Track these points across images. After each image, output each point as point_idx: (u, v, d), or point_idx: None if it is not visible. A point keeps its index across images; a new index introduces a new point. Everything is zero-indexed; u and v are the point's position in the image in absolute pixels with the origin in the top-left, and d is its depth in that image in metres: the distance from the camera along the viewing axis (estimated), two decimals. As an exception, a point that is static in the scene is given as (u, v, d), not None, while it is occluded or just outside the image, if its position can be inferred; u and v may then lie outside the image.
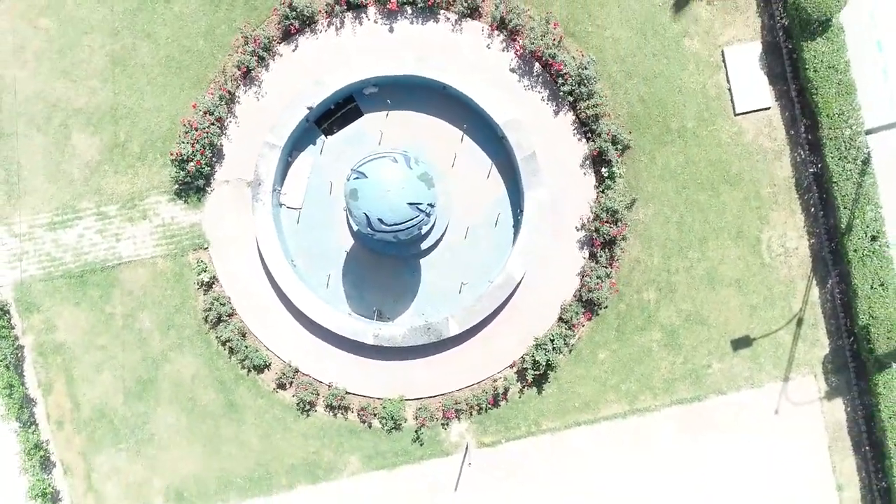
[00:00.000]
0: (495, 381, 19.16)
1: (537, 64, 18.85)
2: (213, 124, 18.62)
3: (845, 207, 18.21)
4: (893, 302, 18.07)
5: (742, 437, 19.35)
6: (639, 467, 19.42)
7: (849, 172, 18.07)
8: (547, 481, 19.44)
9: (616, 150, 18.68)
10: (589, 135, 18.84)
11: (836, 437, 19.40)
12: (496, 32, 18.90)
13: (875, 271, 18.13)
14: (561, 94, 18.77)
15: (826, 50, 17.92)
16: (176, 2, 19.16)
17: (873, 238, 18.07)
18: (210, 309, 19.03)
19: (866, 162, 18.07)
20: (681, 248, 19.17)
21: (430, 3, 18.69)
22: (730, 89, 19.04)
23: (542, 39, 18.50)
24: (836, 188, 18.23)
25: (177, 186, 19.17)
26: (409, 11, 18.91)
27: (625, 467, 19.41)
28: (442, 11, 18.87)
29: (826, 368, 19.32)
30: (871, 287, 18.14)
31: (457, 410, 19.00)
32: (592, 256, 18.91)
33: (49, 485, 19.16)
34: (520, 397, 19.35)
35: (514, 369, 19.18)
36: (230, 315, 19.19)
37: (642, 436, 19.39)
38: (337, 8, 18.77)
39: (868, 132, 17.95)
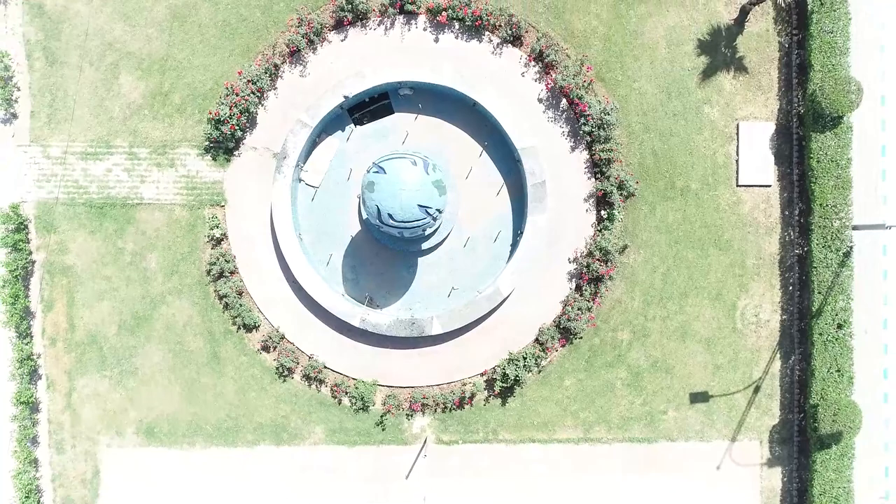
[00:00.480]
0: (464, 384, 20.31)
1: (564, 100, 19.99)
2: (253, 93, 19.74)
3: (820, 293, 19.36)
4: (845, 388, 19.23)
5: (682, 485, 20.49)
6: (581, 492, 20.55)
7: (829, 261, 19.22)
8: (492, 488, 20.58)
9: (621, 195, 19.82)
10: (598, 175, 19.99)
11: (768, 502, 20.55)
12: (532, 63, 20.04)
13: (835, 357, 19.29)
14: (580, 132, 19.93)
15: (832, 144, 19.08)
16: (242, -28, 20.30)
17: (839, 326, 19.23)
18: (214, 263, 20.15)
19: (847, 255, 19.23)
20: (661, 298, 20.32)
21: (477, 23, 19.82)
22: (737, 161, 20.19)
23: (573, 78, 19.64)
24: (815, 273, 19.38)
25: (207, 143, 20.28)
26: (457, 27, 20.05)
27: (568, 490, 20.54)
28: (487, 33, 20.00)
29: (772, 437, 20.47)
30: (829, 371, 19.30)
31: (423, 405, 20.15)
32: (578, 289, 20.05)
33: (32, 395, 20.29)
34: (484, 405, 20.48)
35: (484, 378, 20.32)
36: (232, 273, 20.30)
37: (590, 464, 20.53)
38: (390, 10, 19.90)
39: (855, 227, 19.10)
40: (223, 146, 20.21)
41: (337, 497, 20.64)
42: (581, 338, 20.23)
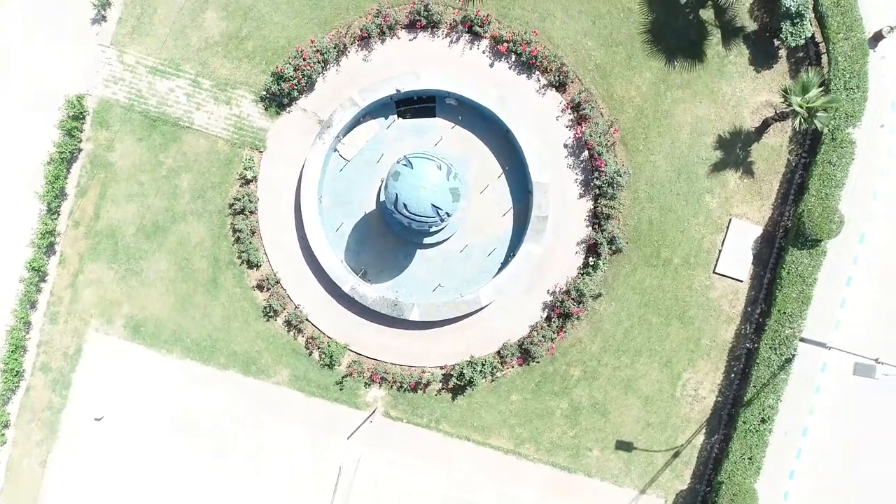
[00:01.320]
0: (424, 371, 22.33)
1: (587, 152, 22.02)
2: (318, 62, 21.74)
3: (755, 387, 21.41)
4: (752, 476, 21.28)
5: (585, 517, 22.58)
6: (495, 499, 22.54)
7: (772, 362, 21.27)
8: (418, 470, 22.59)
9: (609, 249, 21.86)
10: (596, 226, 22.03)
11: (657, 556, 22.64)
12: (569, 111, 22.08)
13: (751, 446, 21.34)
14: (592, 184, 21.96)
15: (805, 262, 21.13)
16: (341, -46, 22.29)
17: (763, 420, 21.28)
18: (239, 199, 22.13)
19: (789, 361, 21.29)
20: (618, 350, 22.35)
21: (531, 61, 21.84)
22: (720, 251, 22.24)
23: (599, 136, 21.68)
24: (756, 369, 21.43)
25: (264, 93, 22.26)
26: (513, 59, 22.06)
27: (484, 493, 22.54)
28: (537, 73, 22.03)
29: (677, 500, 22.52)
30: (742, 456, 21.34)
31: (383, 378, 22.17)
32: (548, 319, 22.08)
33: (44, 265, 22.27)
34: (435, 395, 22.50)
35: (443, 371, 22.34)
36: (251, 213, 22.28)
37: (511, 475, 22.55)
38: (460, 27, 21.92)
39: (802, 339, 21.15)
40: (277, 100, 22.19)
41: (280, 435, 22.63)
42: (538, 362, 22.26)
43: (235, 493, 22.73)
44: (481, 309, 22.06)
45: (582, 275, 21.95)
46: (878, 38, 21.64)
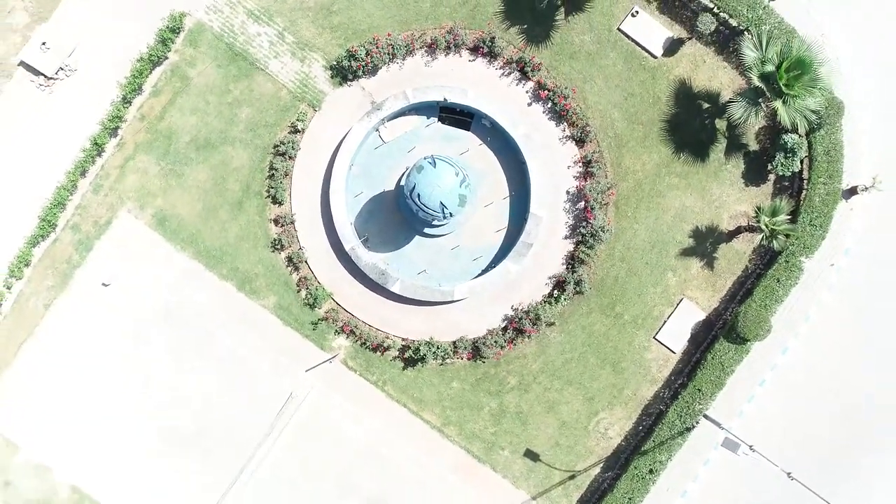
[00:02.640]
0: (387, 337, 25.68)
1: (583, 202, 25.37)
2: (388, 54, 25.08)
3: (654, 442, 24.77)
4: (626, 515, 24.68)
5: (477, 502, 25.85)
6: (409, 461, 25.85)
7: (674, 426, 24.62)
8: (353, 418, 25.89)
9: (574, 289, 25.21)
10: (569, 267, 25.39)
11: (527, 555, 26.00)
12: (580, 164, 25.44)
13: (634, 490, 24.67)
14: (578, 230, 25.31)
15: (729, 354, 24.49)
16: (437, -29, 25.60)
17: (651, 471, 24.65)
18: (283, 144, 25.46)
19: (689, 430, 24.66)
20: (553, 374, 25.70)
21: (562, 112, 25.21)
22: (665, 322, 25.59)
23: (597, 194, 25.04)
24: (660, 428, 24.78)
25: (334, 64, 25.58)
26: (549, 105, 25.41)
27: (401, 453, 25.87)
28: (564, 123, 25.39)
29: (559, 515, 25.93)
30: (623, 495, 24.68)
31: (352, 331, 25.52)
32: (504, 329, 25.43)
33: (104, 143, 25.59)
34: (390, 360, 25.83)
35: (404, 343, 25.67)
36: (290, 158, 25.61)
37: (429, 448, 25.86)
38: (514, 65, 25.27)
39: (706, 416, 24.50)
40: (343, 73, 25.52)
41: (251, 349, 25.91)
42: (484, 361, 25.60)
43: (196, 384, 26.02)
44: (452, 302, 25.40)
45: (544, 303, 25.29)
46: (853, 191, 25.01)
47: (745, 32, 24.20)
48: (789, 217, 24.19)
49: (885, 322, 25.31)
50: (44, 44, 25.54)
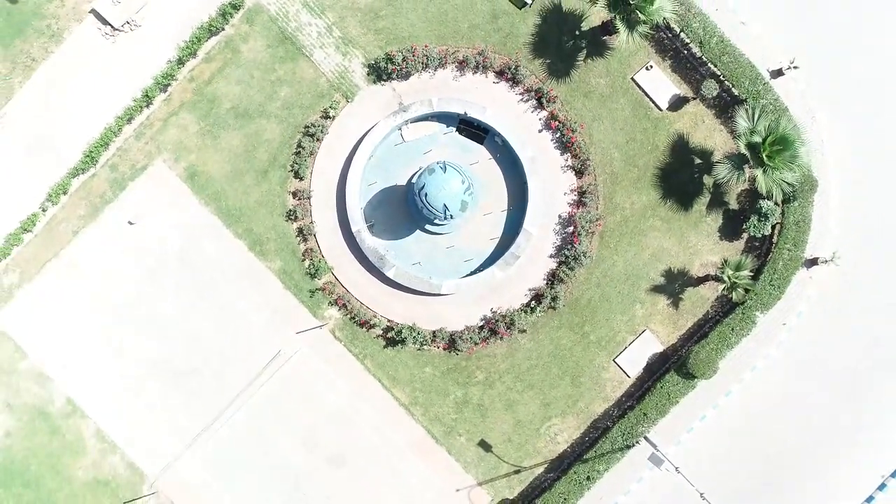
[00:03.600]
0: (375, 316, 28.23)
1: (572, 227, 27.89)
2: (421, 63, 27.62)
3: (595, 453, 27.26)
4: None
5: (426, 479, 28.36)
6: (371, 431, 28.36)
7: (616, 442, 27.10)
8: (330, 383, 28.40)
9: (550, 304, 27.74)
10: (548, 283, 27.94)
11: (464, 534, 28.52)
12: (576, 193, 27.95)
13: (569, 493, 27.03)
14: (563, 252, 27.82)
15: (677, 386, 26.94)
16: (479, -4, 28.15)
17: (588, 478, 27.12)
18: (314, 126, 28.01)
19: (628, 447, 27.14)
20: (517, 376, 28.23)
21: (568, 144, 27.73)
22: (626, 348, 28.07)
23: (586, 222, 27.55)
24: (603, 442, 27.25)
25: (372, 63, 28.13)
26: (557, 136, 27.88)
27: (366, 421, 28.39)
28: (568, 154, 27.89)
29: (499, 502, 28.40)
30: (559, 496, 27.13)
31: (344, 305, 28.06)
32: (480, 328, 27.95)
33: (154, 96, 28.15)
34: (374, 337, 28.35)
35: (389, 324, 28.18)
36: (317, 139, 28.16)
37: (394, 421, 28.39)
38: (532, 94, 27.82)
39: (646, 438, 26.97)
40: (378, 73, 28.06)
41: (250, 304, 28.44)
42: (457, 354, 28.13)
43: (196, 326, 28.54)
44: (439, 295, 27.94)
45: (521, 311, 27.83)
46: (814, 262, 27.55)
47: (744, 103, 26.72)
48: (752, 274, 26.73)
49: (821, 384, 27.82)
50: (116, -3, 28.16)
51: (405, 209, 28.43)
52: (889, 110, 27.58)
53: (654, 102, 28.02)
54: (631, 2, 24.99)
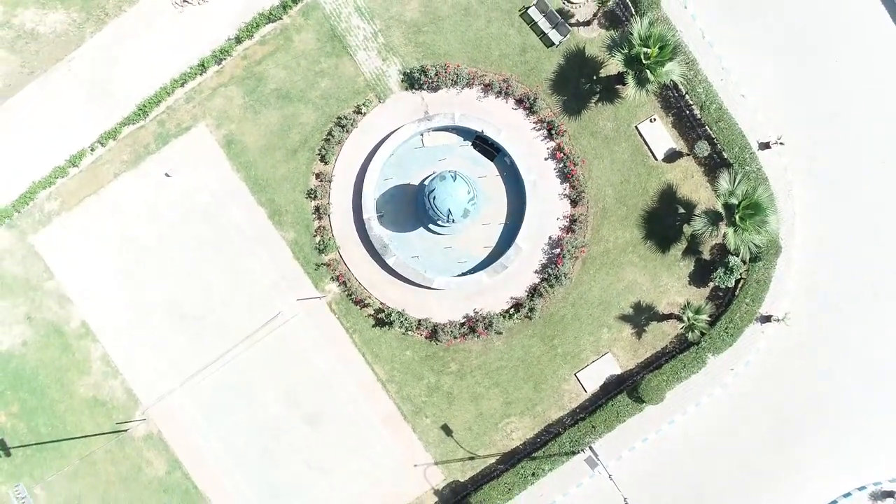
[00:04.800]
0: (370, 297, 31.26)
1: (559, 249, 30.89)
2: (451, 80, 30.64)
3: (544, 454, 30.24)
4: (502, 500, 30.04)
5: (391, 450, 31.36)
6: (348, 403, 31.36)
7: (563, 446, 29.97)
8: (321, 347, 31.40)
9: (527, 314, 30.71)
10: (529, 295, 30.94)
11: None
12: (568, 219, 30.97)
13: (514, 484, 29.97)
14: (546, 270, 30.82)
15: (627, 408, 29.90)
16: (500, 24, 31.10)
17: (533, 474, 30.11)
18: (345, 119, 31.04)
19: (574, 453, 30.11)
20: (487, 373, 31.22)
21: (568, 175, 30.76)
22: (588, 365, 31.06)
23: (572, 247, 30.53)
24: (553, 445, 30.20)
25: (407, 72, 31.13)
26: (560, 166, 30.89)
27: (345, 392, 31.39)
28: (567, 184, 30.90)
29: (450, 484, 31.32)
30: (505, 485, 30.09)
31: (345, 282, 31.11)
32: (461, 324, 30.95)
33: (208, 67, 31.21)
34: (365, 316, 31.36)
35: (381, 306, 31.19)
36: (346, 131, 31.18)
37: (369, 394, 31.36)
38: (544, 124, 30.85)
39: (591, 447, 29.91)
40: (411, 81, 31.07)
41: (259, 265, 31.43)
42: (437, 343, 31.14)
43: (209, 277, 31.57)
44: (430, 288, 30.99)
45: (500, 315, 30.85)
46: (767, 319, 30.55)
47: (730, 167, 29.73)
48: (710, 319, 29.73)
49: (755, 429, 30.73)
50: (190, -27, 31.23)
51: (413, 207, 31.45)
52: (860, 198, 30.48)
53: (651, 152, 31.03)
54: (644, 61, 28.01)
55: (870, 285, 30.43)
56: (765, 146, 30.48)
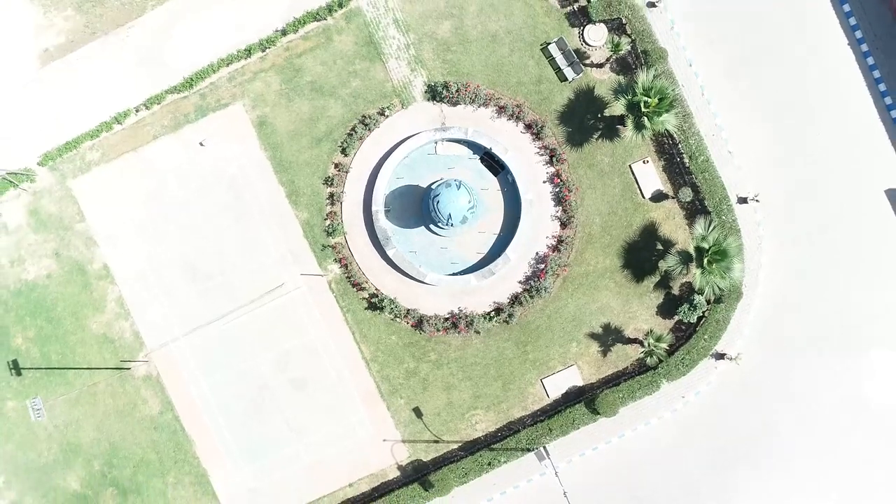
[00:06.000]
0: (367, 282, 34.30)
1: (544, 265, 33.95)
2: (470, 98, 33.71)
3: (502, 446, 33.31)
4: (457, 483, 33.03)
5: (364, 423, 34.40)
6: (333, 371, 34.41)
7: (520, 443, 33.00)
8: (314, 321, 34.42)
9: (506, 318, 33.73)
10: (510, 301, 33.97)
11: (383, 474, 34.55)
12: (554, 236, 34.03)
13: (471, 471, 33.07)
14: (529, 282, 33.88)
15: (582, 416, 32.90)
16: (521, 54, 34.16)
17: (489, 464, 33.12)
18: (369, 118, 34.11)
19: (529, 450, 33.11)
20: (462, 367, 34.23)
21: (562, 199, 33.83)
22: (554, 374, 34.07)
23: (555, 265, 33.60)
24: (511, 440, 33.21)
25: (431, 84, 34.15)
26: (556, 190, 33.96)
27: (331, 363, 34.44)
28: (560, 207, 33.95)
29: (414, 454, 34.38)
30: (462, 469, 33.08)
31: (346, 265, 34.21)
32: (446, 319, 34.00)
33: (253, 53, 34.24)
34: (360, 299, 34.42)
35: (375, 292, 34.24)
36: (369, 129, 34.21)
37: (352, 368, 34.37)
38: (547, 150, 33.92)
39: (544, 447, 32.94)
40: (434, 93, 34.11)
41: (269, 238, 34.48)
42: (421, 333, 34.17)
43: (225, 241, 34.61)
44: (422, 282, 34.05)
45: (481, 316, 33.91)
46: (721, 356, 33.57)
47: (708, 214, 32.76)
48: (669, 349, 32.78)
49: (696, 456, 33.74)
50: (250, -34, 34.29)
51: (418, 207, 34.52)
52: (822, 260, 33.40)
53: (640, 190, 34.07)
54: (644, 109, 31.07)
55: (817, 340, 33.46)
56: (742, 201, 33.50)
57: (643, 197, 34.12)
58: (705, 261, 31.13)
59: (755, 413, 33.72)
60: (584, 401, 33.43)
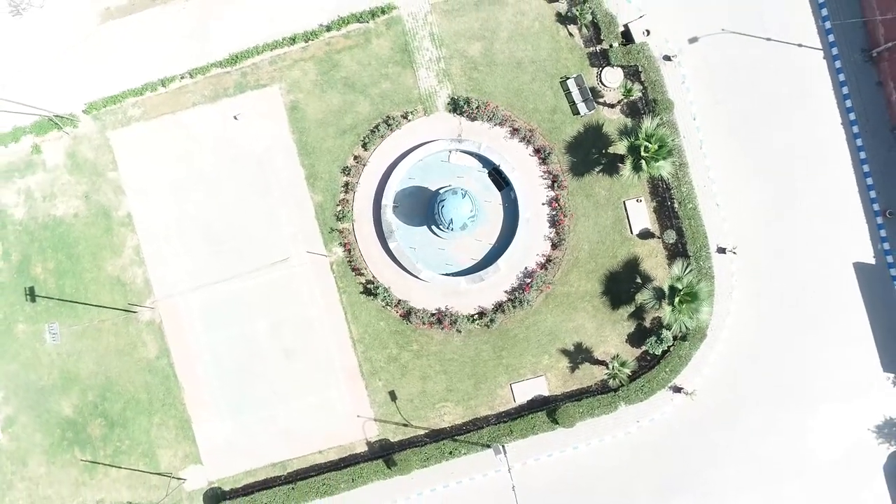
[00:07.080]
0: (366, 268, 36.96)
1: (530, 279, 36.59)
2: (487, 116, 36.41)
3: (464, 440, 35.96)
4: (417, 467, 35.70)
5: (343, 398, 37.07)
6: (322, 345, 37.10)
7: (482, 439, 35.74)
8: (313, 300, 37.10)
9: (487, 323, 36.37)
10: (494, 308, 36.61)
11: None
12: (545, 257, 36.71)
13: (431, 457, 35.73)
14: (514, 293, 36.56)
15: (543, 423, 35.54)
16: (541, 84, 36.87)
17: (450, 453, 35.80)
18: (392, 120, 36.74)
19: (487, 447, 35.80)
20: (439, 360, 36.90)
21: (556, 223, 36.50)
22: (523, 381, 36.73)
23: (540, 281, 36.28)
24: (473, 435, 35.96)
25: (454, 97, 36.78)
26: (553, 213, 36.63)
27: (321, 340, 37.12)
28: (553, 229, 36.63)
29: (385, 432, 37.09)
30: (425, 454, 35.75)
31: (349, 251, 36.92)
32: (432, 314, 36.63)
33: (298, 42, 37.00)
34: (357, 283, 37.10)
35: (373, 278, 36.93)
36: (391, 129, 36.89)
37: (339, 345, 37.03)
38: (550, 175, 36.61)
39: (503, 446, 35.58)
40: (455, 106, 36.76)
41: (283, 215, 37.16)
42: (408, 324, 36.78)
43: (241, 209, 37.29)
44: (416, 277, 36.74)
45: (465, 317, 36.58)
46: (678, 389, 36.17)
47: (687, 258, 35.40)
48: (631, 375, 35.41)
49: (642, 478, 36.36)
50: (307, -38, 37.06)
51: (424, 207, 37.21)
52: (788, 316, 36.04)
53: (630, 225, 36.72)
54: (643, 153, 33.75)
55: (772, 388, 36.10)
56: (721, 251, 36.14)
57: (631, 232, 36.75)
58: (677, 300, 33.75)
59: (703, 448, 36.33)
60: (547, 410, 36.06)
